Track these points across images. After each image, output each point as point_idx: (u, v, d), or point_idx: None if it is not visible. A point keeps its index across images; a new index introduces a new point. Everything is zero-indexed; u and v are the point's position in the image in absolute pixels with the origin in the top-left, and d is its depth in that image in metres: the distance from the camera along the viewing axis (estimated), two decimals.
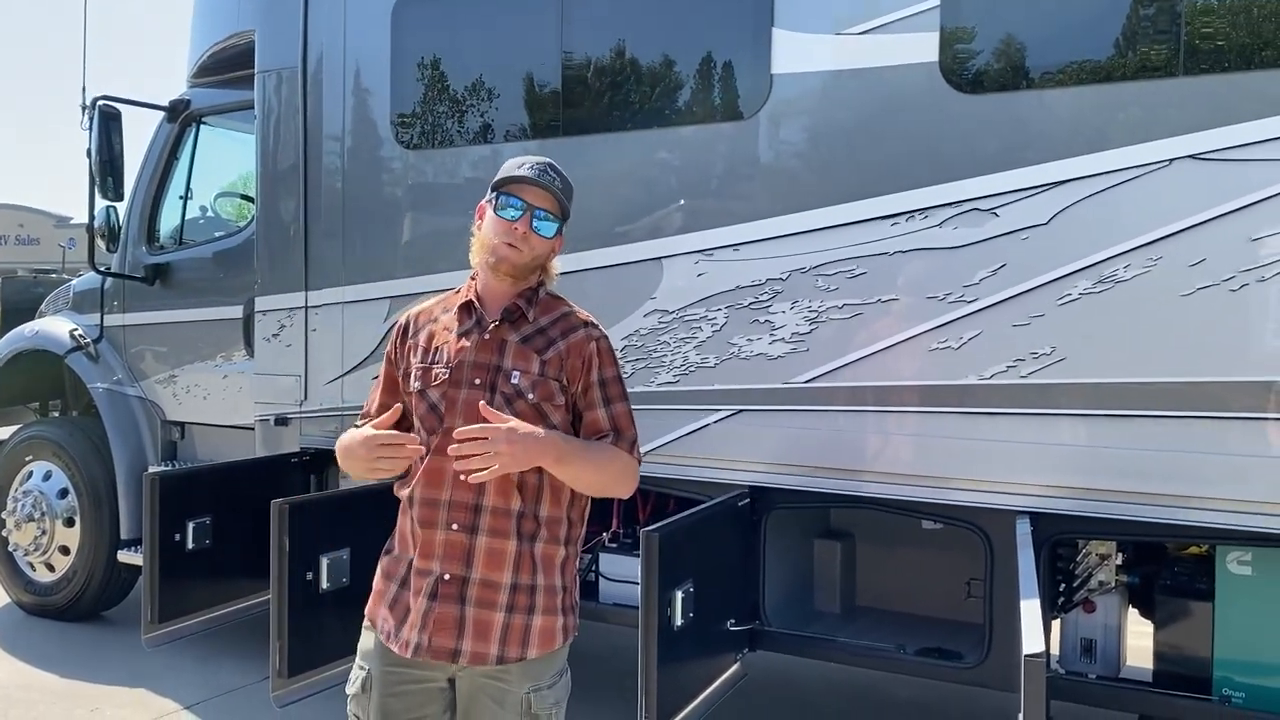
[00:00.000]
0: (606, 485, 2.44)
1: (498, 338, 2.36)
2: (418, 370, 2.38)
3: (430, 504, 2.30)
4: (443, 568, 2.28)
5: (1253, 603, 3.27)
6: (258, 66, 4.93)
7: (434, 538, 2.29)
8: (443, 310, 2.45)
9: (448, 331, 2.40)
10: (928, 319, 3.48)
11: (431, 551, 2.29)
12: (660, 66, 4.02)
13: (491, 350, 2.34)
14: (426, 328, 2.43)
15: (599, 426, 2.38)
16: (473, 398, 2.28)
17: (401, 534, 2.39)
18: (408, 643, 2.28)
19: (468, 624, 2.26)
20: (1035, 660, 2.45)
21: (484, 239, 2.39)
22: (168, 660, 5.09)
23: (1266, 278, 3.04)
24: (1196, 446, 3.15)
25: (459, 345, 2.36)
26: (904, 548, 4.25)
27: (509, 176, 2.38)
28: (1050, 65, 3.40)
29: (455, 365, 2.34)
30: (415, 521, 2.32)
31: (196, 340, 5.53)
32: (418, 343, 2.42)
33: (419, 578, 2.30)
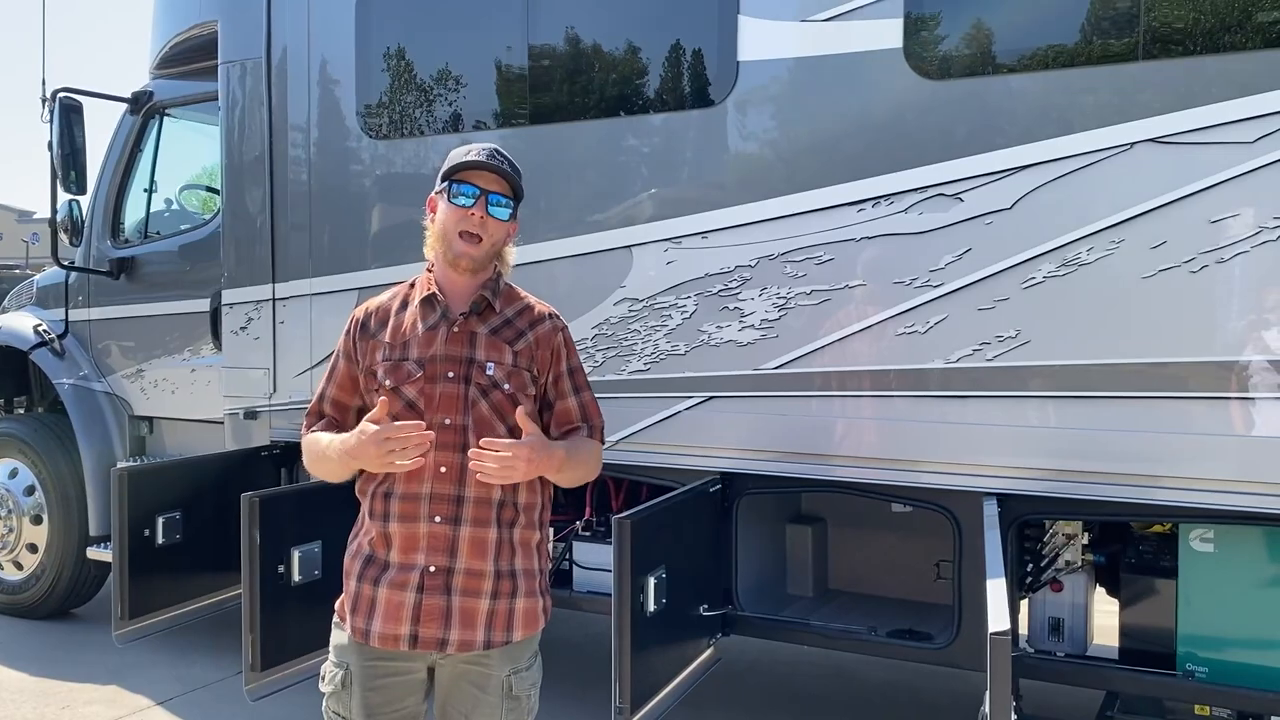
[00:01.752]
0: (584, 477, 2.53)
1: (466, 330, 2.37)
2: (386, 366, 2.35)
3: (411, 498, 2.30)
4: (427, 560, 2.29)
5: (1215, 579, 3.33)
6: (221, 57, 4.88)
7: (416, 531, 2.29)
8: (401, 305, 2.42)
9: (412, 326, 2.37)
10: (894, 304, 3.51)
11: (414, 545, 2.30)
12: (627, 54, 4.02)
13: (462, 343, 2.35)
14: (388, 323, 2.40)
15: (570, 416, 2.46)
16: (449, 391, 2.31)
17: (371, 531, 2.35)
18: (396, 636, 2.29)
19: (454, 613, 2.29)
20: (1001, 638, 2.49)
21: (441, 230, 2.38)
22: (139, 656, 5.06)
23: (1226, 259, 3.09)
24: (1159, 427, 3.20)
25: (427, 339, 2.35)
26: (874, 531, 4.29)
27: (459, 164, 2.38)
28: (1013, 51, 3.43)
29: (428, 360, 2.33)
30: (395, 517, 2.31)
31: (164, 334, 5.48)
32: (380, 339, 2.38)
33: (402, 572, 2.30)
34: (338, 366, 2.45)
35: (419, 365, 2.33)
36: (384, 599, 2.30)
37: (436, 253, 2.41)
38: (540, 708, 2.47)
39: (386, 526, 2.32)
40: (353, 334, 2.43)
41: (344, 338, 2.45)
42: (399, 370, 2.33)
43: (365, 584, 2.33)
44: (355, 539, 2.42)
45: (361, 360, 2.40)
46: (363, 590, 2.34)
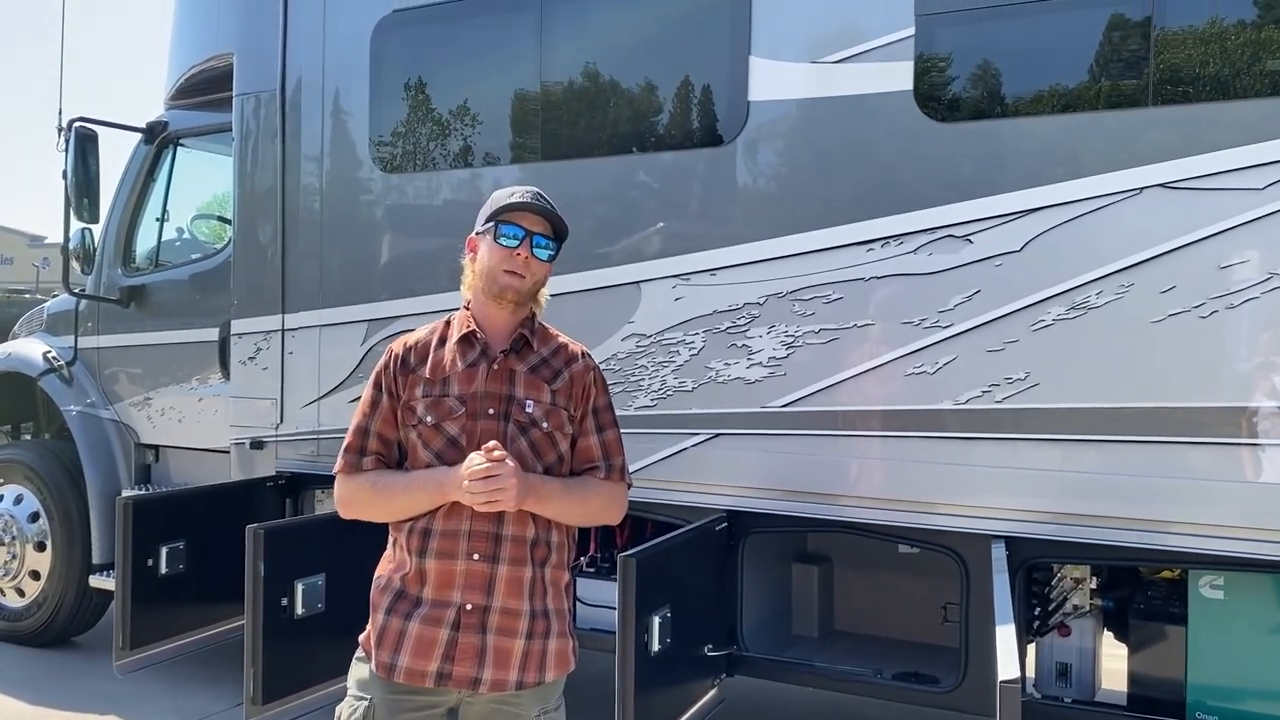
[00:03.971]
0: (592, 517, 2.55)
1: (506, 368, 2.40)
2: (427, 402, 2.36)
3: (451, 535, 2.31)
4: (464, 598, 2.30)
5: (1225, 626, 3.30)
6: (236, 89, 4.93)
7: (454, 568, 2.30)
8: (439, 342, 2.44)
9: (452, 363, 2.39)
10: (903, 344, 3.51)
11: (451, 582, 2.30)
12: (638, 92, 4.05)
13: (502, 380, 2.39)
14: (428, 359, 2.41)
15: (591, 454, 2.47)
16: (489, 428, 2.34)
17: (404, 566, 2.35)
18: (423, 672, 2.29)
19: (489, 652, 2.30)
20: (1011, 686, 2.46)
21: (485, 268, 2.41)
22: (139, 686, 5.02)
23: (1235, 304, 3.09)
24: (1168, 471, 3.18)
25: (467, 376, 2.38)
26: (881, 572, 4.26)
27: (505, 205, 2.42)
28: (1022, 94, 3.45)
29: (469, 397, 2.36)
30: (432, 553, 2.31)
31: (172, 363, 5.49)
32: (421, 375, 2.39)
33: (436, 609, 2.30)
34: (380, 402, 2.42)
35: (460, 402, 2.35)
36: (414, 634, 2.30)
37: (476, 290, 2.45)
38: None
39: (423, 562, 2.32)
40: (393, 369, 2.42)
41: (383, 373, 2.43)
42: (440, 406, 2.35)
43: (395, 618, 2.33)
44: (384, 573, 2.41)
45: (401, 395, 2.40)
46: (391, 624, 2.33)
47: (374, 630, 2.36)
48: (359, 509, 2.43)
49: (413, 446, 2.38)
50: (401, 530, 2.38)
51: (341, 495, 2.45)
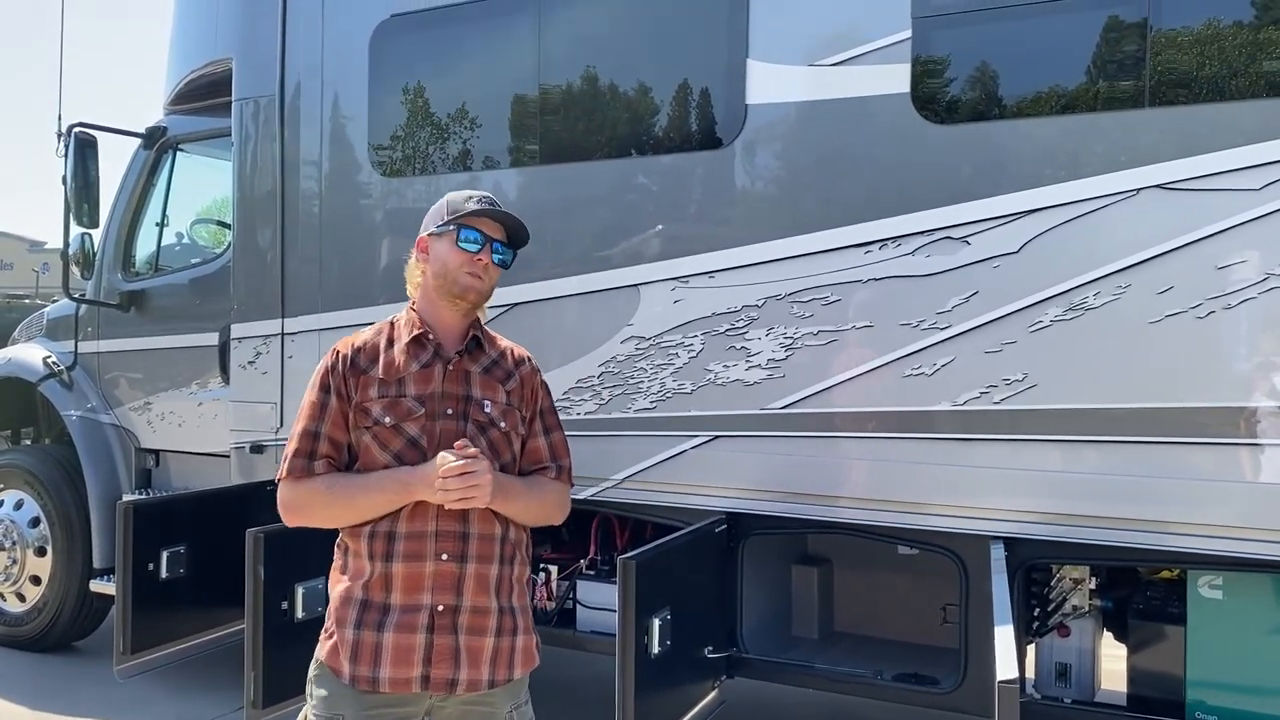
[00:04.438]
0: (545, 516, 2.53)
1: (461, 368, 2.41)
2: (383, 404, 2.33)
3: (417, 536, 2.29)
4: (434, 599, 2.28)
5: (1224, 626, 3.30)
6: (235, 94, 4.94)
7: (423, 570, 2.28)
8: (387, 343, 2.41)
9: (405, 364, 2.37)
10: (901, 346, 3.52)
11: (420, 585, 2.28)
12: (637, 96, 4.06)
13: (458, 381, 2.39)
14: (378, 360, 2.38)
15: (540, 455, 2.50)
16: (449, 428, 2.34)
17: (364, 574, 2.30)
18: (408, 680, 2.26)
19: (462, 653, 2.29)
20: (1009, 686, 2.47)
21: (445, 269, 2.41)
22: (139, 691, 5.03)
23: (1233, 305, 3.10)
24: (1167, 472, 3.19)
25: (423, 377, 2.37)
26: (880, 573, 4.26)
27: (468, 211, 2.43)
28: (1019, 96, 3.46)
29: (427, 397, 2.35)
30: (399, 557, 2.28)
31: (172, 367, 5.49)
32: (373, 376, 2.36)
33: (407, 614, 2.27)
34: (328, 404, 2.35)
35: (419, 402, 2.34)
36: (391, 644, 2.26)
37: (427, 291, 2.45)
38: None
39: (389, 567, 2.29)
40: (341, 370, 2.37)
41: (329, 375, 2.37)
42: (398, 407, 2.33)
43: (367, 630, 2.28)
44: (341, 585, 2.35)
45: (353, 396, 2.35)
46: (364, 637, 2.28)
47: (343, 646, 2.29)
48: (311, 514, 2.37)
49: (365, 448, 2.33)
50: (359, 537, 2.32)
51: (290, 501, 2.36)
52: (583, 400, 4.07)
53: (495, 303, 4.21)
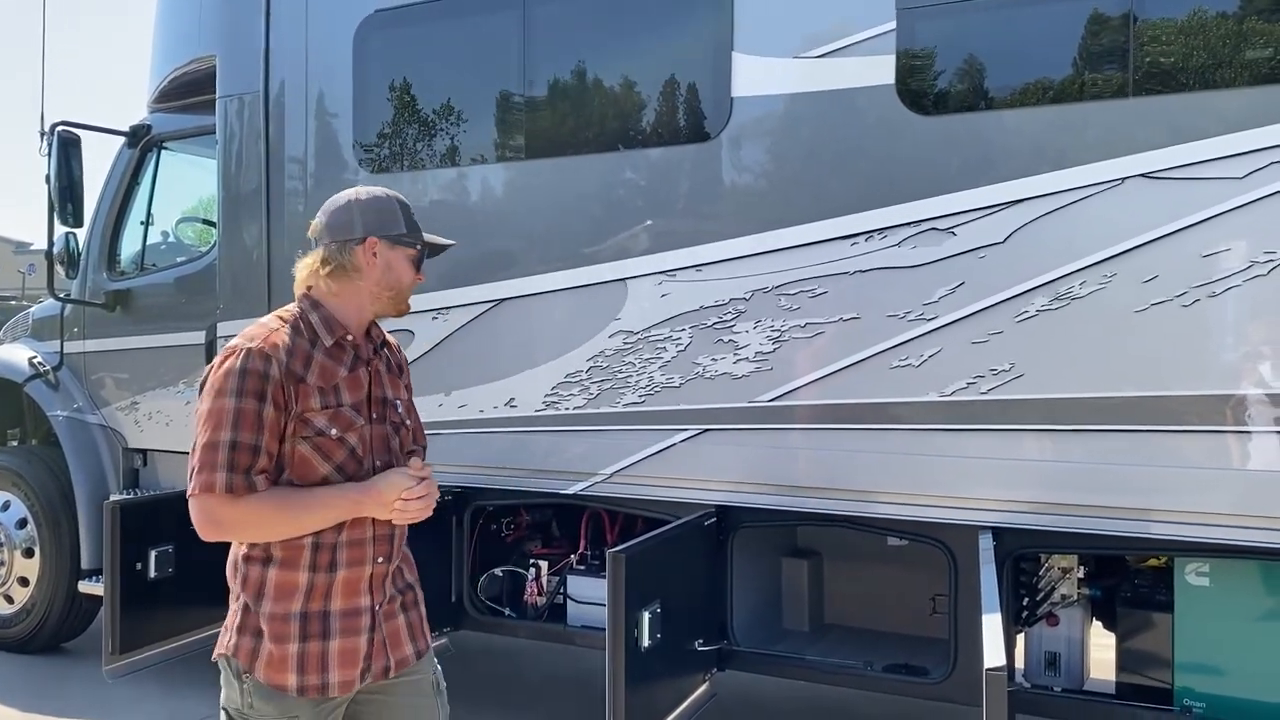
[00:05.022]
0: None
1: (375, 370, 2.42)
2: (328, 415, 2.27)
3: (358, 544, 2.31)
4: (373, 600, 2.34)
5: (1211, 613, 3.32)
6: (219, 91, 4.91)
7: (361, 574, 2.32)
8: (309, 344, 2.32)
9: (335, 370, 2.32)
10: (889, 337, 3.52)
11: (357, 588, 2.32)
12: (622, 89, 4.06)
13: (378, 384, 2.41)
14: (313, 367, 2.29)
15: (418, 437, 2.54)
16: (378, 433, 2.37)
17: (300, 586, 2.26)
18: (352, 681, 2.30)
19: (388, 640, 2.37)
20: (996, 674, 2.48)
21: (396, 280, 2.39)
22: (129, 691, 5.01)
23: (1218, 293, 3.11)
24: (1153, 460, 3.20)
25: (352, 383, 2.34)
26: (870, 565, 4.27)
27: (422, 232, 2.44)
28: (1003, 87, 3.46)
29: (360, 404, 2.34)
30: (342, 565, 2.28)
31: (159, 366, 5.47)
32: (312, 385, 2.27)
33: (348, 619, 2.30)
34: (264, 414, 2.20)
35: (355, 411, 2.32)
36: (336, 649, 2.28)
37: (366, 294, 2.37)
38: None
39: (332, 575, 2.28)
40: (280, 379, 2.23)
41: (264, 383, 2.21)
42: (340, 418, 2.29)
43: (311, 642, 2.26)
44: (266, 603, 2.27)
45: (293, 407, 2.24)
46: (308, 649, 2.26)
47: (285, 660, 2.25)
48: (245, 532, 2.27)
49: (303, 459, 2.25)
50: (300, 548, 2.27)
51: (227, 518, 2.22)
52: (571, 395, 4.07)
53: (480, 299, 4.26)
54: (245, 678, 2.27)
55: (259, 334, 2.28)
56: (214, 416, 2.21)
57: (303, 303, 2.37)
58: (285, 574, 2.27)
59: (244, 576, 2.30)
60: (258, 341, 2.25)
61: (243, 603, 2.30)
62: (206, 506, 2.21)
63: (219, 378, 2.23)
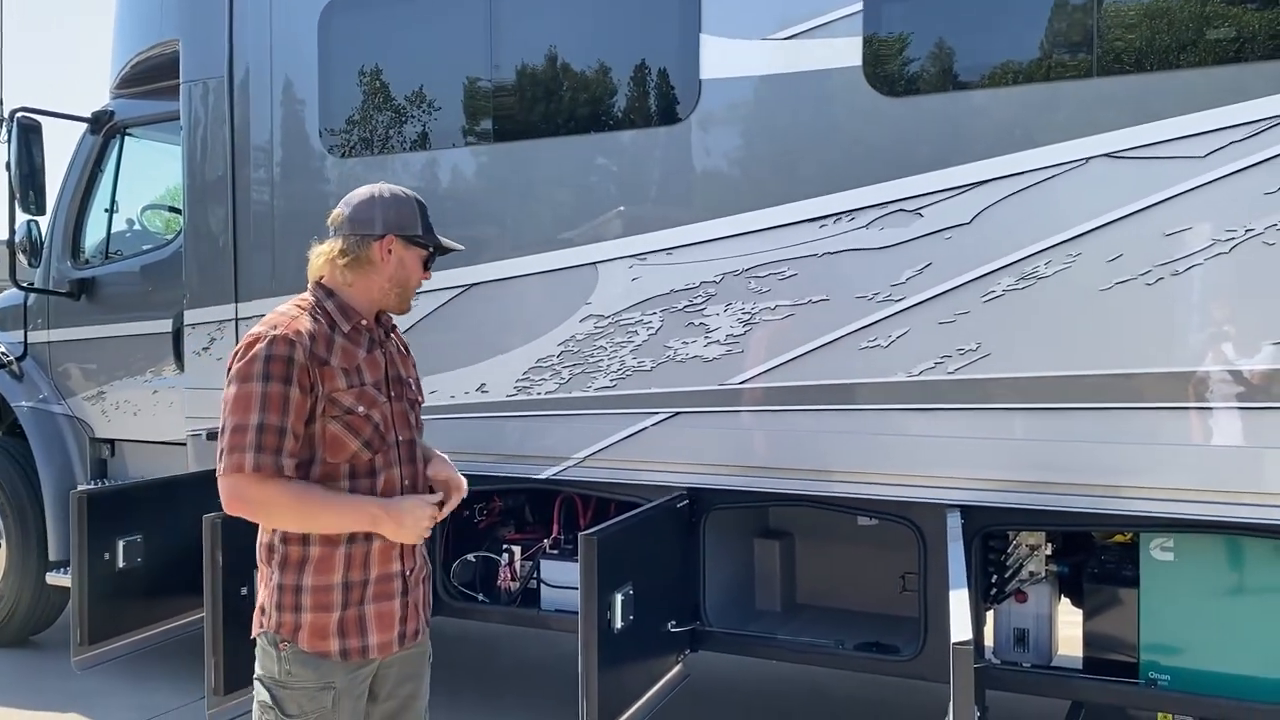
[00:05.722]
0: None
1: (389, 351, 2.57)
2: (354, 394, 2.40)
3: None
4: (405, 565, 2.49)
5: (1175, 588, 3.37)
6: (183, 76, 4.86)
7: (394, 542, 2.44)
8: (328, 329, 2.42)
9: (354, 352, 2.44)
10: (857, 318, 3.54)
11: (390, 556, 2.45)
12: (590, 72, 4.04)
13: (393, 364, 2.56)
14: (335, 350, 2.40)
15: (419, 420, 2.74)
16: (399, 410, 2.52)
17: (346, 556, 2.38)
18: (389, 642, 2.44)
19: (420, 605, 2.56)
20: (963, 648, 2.50)
21: (404, 280, 2.53)
22: (100, 683, 4.97)
23: (1180, 271, 3.14)
24: (1118, 437, 3.24)
25: (372, 364, 2.48)
26: (841, 545, 4.30)
27: (443, 244, 2.58)
28: (969, 69, 3.48)
29: (380, 383, 2.48)
30: (377, 535, 2.40)
31: (125, 355, 5.42)
32: (336, 367, 2.38)
33: (382, 584, 2.44)
34: (291, 398, 2.31)
35: (377, 389, 2.46)
36: (374, 613, 2.42)
37: (376, 288, 2.50)
38: None
39: (369, 545, 2.41)
40: (305, 363, 2.34)
41: (289, 367, 2.32)
42: (366, 396, 2.42)
43: (351, 608, 2.39)
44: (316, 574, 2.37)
45: (320, 387, 2.36)
46: (348, 615, 2.39)
47: (332, 626, 2.37)
48: (268, 515, 2.36)
49: (334, 437, 2.37)
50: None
51: (255, 497, 2.31)
52: (543, 380, 4.07)
53: (452, 284, 4.23)
54: (284, 646, 2.37)
55: (281, 321, 2.38)
56: (241, 401, 2.30)
57: (317, 291, 2.49)
58: (325, 548, 2.37)
59: (283, 556, 2.39)
60: (281, 328, 2.35)
61: (277, 581, 2.39)
62: (235, 485, 2.30)
63: (245, 364, 2.32)
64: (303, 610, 2.36)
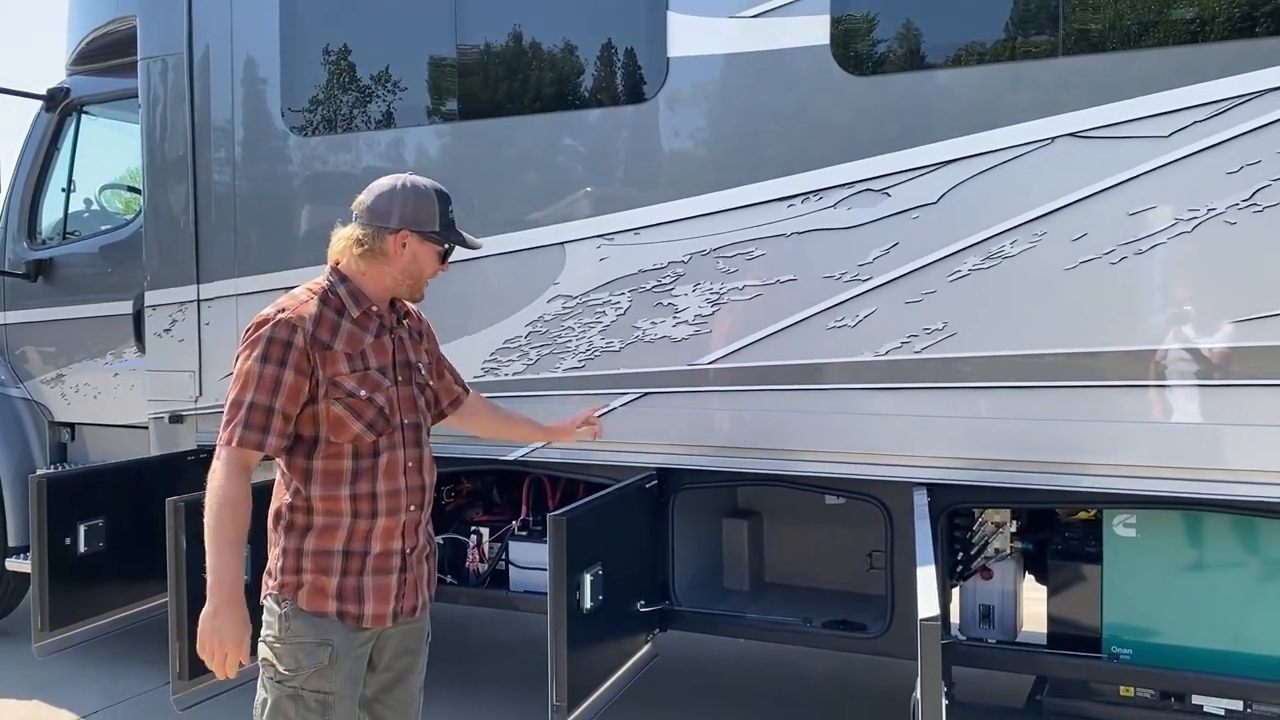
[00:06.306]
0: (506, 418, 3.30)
1: (399, 337, 2.64)
2: (357, 378, 2.48)
3: (394, 494, 2.54)
4: (405, 544, 2.57)
5: (1138, 563, 3.41)
6: (141, 53, 4.76)
7: (398, 521, 2.55)
8: (336, 314, 2.51)
9: (360, 337, 2.53)
10: (825, 298, 3.55)
11: (394, 533, 2.54)
12: (556, 50, 4.00)
13: (402, 349, 2.63)
14: (340, 335, 2.49)
15: (453, 386, 2.95)
16: (405, 393, 2.60)
17: (350, 528, 2.49)
18: (383, 615, 2.53)
19: (422, 583, 2.64)
20: (930, 624, 2.52)
21: (418, 271, 2.60)
22: (64, 670, 4.92)
23: (1144, 250, 3.17)
24: (1083, 415, 3.27)
25: (378, 348, 2.55)
26: (809, 523, 4.32)
27: (458, 231, 2.64)
28: (937, 48, 3.48)
29: (387, 368, 2.56)
30: (382, 513, 2.51)
31: (84, 338, 5.33)
32: (339, 351, 2.48)
33: (383, 559, 2.53)
34: (284, 379, 2.42)
35: (382, 374, 2.54)
36: (371, 585, 2.51)
37: (388, 278, 2.57)
38: (478, 709, 2.54)
39: (373, 523, 2.51)
40: (305, 347, 2.43)
41: (287, 350, 2.42)
42: (369, 380, 2.50)
43: (349, 576, 2.49)
44: (321, 537, 2.49)
45: (321, 370, 2.45)
46: (347, 583, 2.49)
47: (330, 588, 2.48)
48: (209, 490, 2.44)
49: (337, 419, 2.46)
50: (339, 500, 2.49)
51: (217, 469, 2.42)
52: (511, 360, 4.04)
53: None
54: (284, 604, 2.48)
55: (290, 304, 2.48)
56: (240, 378, 2.44)
57: (331, 275, 2.57)
58: (330, 519, 2.49)
59: (289, 522, 2.51)
60: (287, 312, 2.46)
61: (282, 546, 2.51)
62: (224, 454, 2.44)
63: (250, 344, 2.45)
64: (303, 572, 2.48)
